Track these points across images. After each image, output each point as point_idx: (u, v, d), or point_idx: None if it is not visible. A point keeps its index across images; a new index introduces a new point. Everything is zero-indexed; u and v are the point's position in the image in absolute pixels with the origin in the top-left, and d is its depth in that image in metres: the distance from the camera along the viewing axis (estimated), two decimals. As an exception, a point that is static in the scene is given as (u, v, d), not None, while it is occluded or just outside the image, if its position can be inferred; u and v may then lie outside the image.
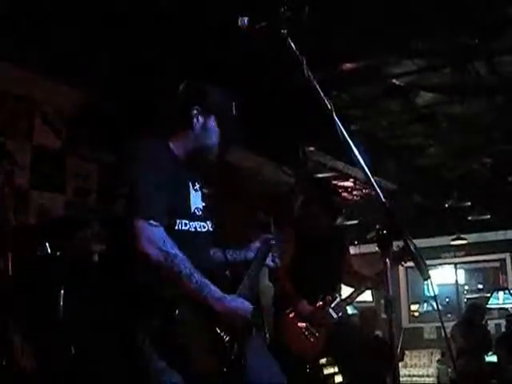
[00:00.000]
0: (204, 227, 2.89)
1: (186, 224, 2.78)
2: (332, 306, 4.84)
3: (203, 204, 2.93)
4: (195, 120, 2.89)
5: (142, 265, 2.57)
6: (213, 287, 2.66)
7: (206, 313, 2.63)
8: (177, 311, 2.52)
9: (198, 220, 2.85)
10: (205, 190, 2.99)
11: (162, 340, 2.54)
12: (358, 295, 5.02)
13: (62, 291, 4.11)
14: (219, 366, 2.64)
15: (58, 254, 4.19)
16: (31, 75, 5.34)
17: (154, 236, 2.55)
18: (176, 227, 2.74)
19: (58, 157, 5.70)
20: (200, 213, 2.89)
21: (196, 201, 2.89)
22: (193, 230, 2.82)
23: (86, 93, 5.71)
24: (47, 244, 4.19)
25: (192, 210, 2.85)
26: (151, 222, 2.57)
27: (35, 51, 5.05)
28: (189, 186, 2.88)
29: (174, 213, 2.75)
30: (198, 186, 2.94)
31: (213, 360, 2.60)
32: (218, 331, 2.69)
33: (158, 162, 2.73)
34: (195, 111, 2.89)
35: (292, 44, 2.40)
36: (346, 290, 5.26)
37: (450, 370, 11.95)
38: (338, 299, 4.93)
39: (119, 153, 2.79)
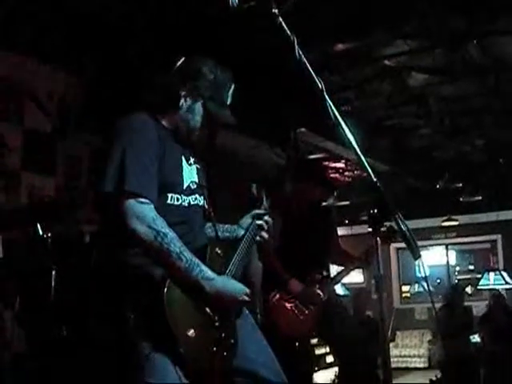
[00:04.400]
0: (199, 201, 2.85)
1: (178, 199, 2.73)
2: (320, 284, 4.86)
3: (196, 178, 2.88)
4: (182, 101, 2.84)
5: (132, 243, 2.54)
6: (203, 267, 2.61)
7: (196, 292, 2.59)
8: (165, 290, 2.48)
9: (191, 194, 2.81)
10: (199, 166, 2.95)
11: (149, 320, 2.51)
12: (347, 274, 5.04)
13: (54, 272, 4.11)
14: (208, 346, 2.61)
15: (50, 235, 4.18)
16: (22, 58, 5.31)
17: (143, 213, 2.50)
18: (168, 201, 2.69)
19: (49, 139, 5.68)
20: (194, 187, 2.84)
21: (190, 175, 2.84)
22: (186, 204, 2.77)
23: (76, 75, 5.69)
24: (38, 225, 4.18)
25: (185, 185, 2.79)
26: (140, 199, 2.52)
27: (25, 35, 5.02)
28: (181, 160, 2.83)
29: (166, 187, 2.69)
30: (192, 161, 2.89)
31: (201, 339, 2.58)
32: (208, 310, 2.66)
33: (147, 135, 2.67)
34: (184, 92, 2.83)
35: (283, 24, 2.38)
36: (335, 270, 5.28)
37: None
38: (326, 278, 4.95)
39: (108, 130, 2.71)
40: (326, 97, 2.33)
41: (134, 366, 2.56)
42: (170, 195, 2.71)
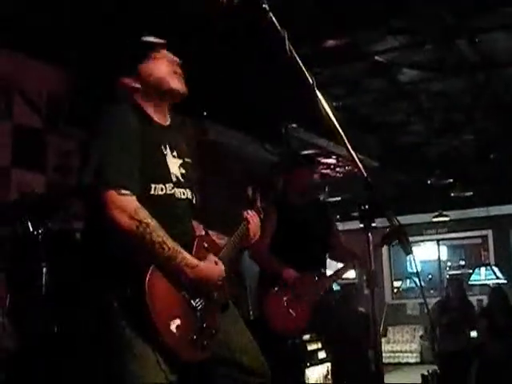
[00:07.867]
0: (183, 194, 2.83)
1: (162, 189, 2.72)
2: (318, 281, 4.85)
3: (183, 171, 2.85)
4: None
5: (116, 234, 2.52)
6: (186, 255, 2.62)
7: (179, 280, 2.60)
8: (148, 278, 2.49)
9: (177, 186, 2.79)
10: (187, 160, 2.92)
11: (132, 308, 2.51)
12: (345, 272, 5.03)
13: (45, 269, 4.09)
14: (189, 334, 2.61)
15: (40, 231, 4.16)
16: (10, 54, 5.29)
17: (125, 205, 2.49)
18: (152, 192, 2.68)
19: (39, 135, 5.66)
20: (179, 179, 2.82)
21: (174, 167, 2.82)
22: (171, 194, 2.76)
23: (65, 70, 5.67)
24: (29, 221, 4.16)
25: (171, 176, 2.78)
26: (122, 190, 2.51)
27: (14, 31, 5.00)
28: (166, 151, 2.81)
29: (150, 178, 2.69)
30: (176, 153, 2.86)
31: (183, 328, 2.57)
32: (190, 300, 2.67)
33: (128, 125, 2.66)
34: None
35: (274, 19, 2.37)
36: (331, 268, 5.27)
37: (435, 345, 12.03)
38: (324, 275, 4.95)
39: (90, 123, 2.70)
40: (317, 92, 2.33)
41: (116, 353, 2.58)
42: (153, 185, 2.69)
